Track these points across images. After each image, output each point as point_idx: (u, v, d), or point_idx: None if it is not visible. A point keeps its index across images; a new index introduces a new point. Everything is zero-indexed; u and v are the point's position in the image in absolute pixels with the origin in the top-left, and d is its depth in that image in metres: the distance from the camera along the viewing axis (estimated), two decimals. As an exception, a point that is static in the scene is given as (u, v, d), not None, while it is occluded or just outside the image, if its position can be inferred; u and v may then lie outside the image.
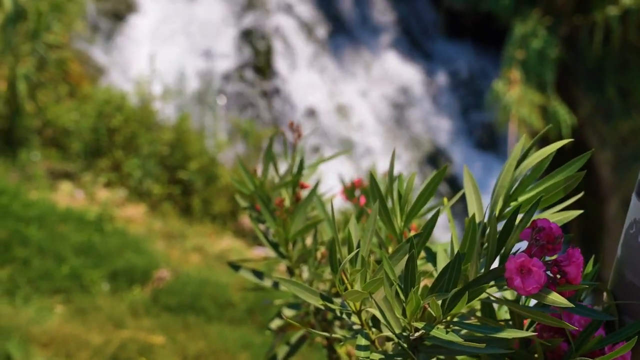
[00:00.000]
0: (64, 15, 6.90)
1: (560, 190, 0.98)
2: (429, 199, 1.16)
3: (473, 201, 1.14)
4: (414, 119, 9.17)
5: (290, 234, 1.32)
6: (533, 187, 1.07)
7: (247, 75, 8.79)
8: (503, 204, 1.07)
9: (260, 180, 1.41)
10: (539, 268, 0.79)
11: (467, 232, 1.05)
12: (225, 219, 6.83)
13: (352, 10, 9.75)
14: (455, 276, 0.90)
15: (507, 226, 0.90)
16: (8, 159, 6.21)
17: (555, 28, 8.56)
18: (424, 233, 1.06)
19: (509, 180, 1.08)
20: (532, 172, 1.07)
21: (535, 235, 0.85)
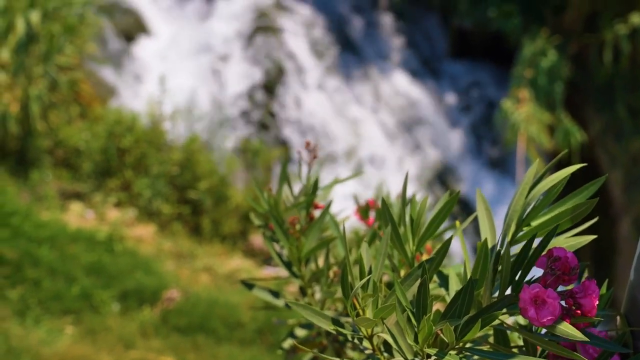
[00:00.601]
0: (75, 38, 6.98)
1: (574, 216, 0.98)
2: (440, 224, 1.15)
3: (486, 225, 1.13)
4: (423, 137, 9.17)
5: (303, 252, 1.33)
6: (546, 212, 1.07)
7: (257, 95, 8.84)
8: (516, 229, 1.07)
9: (275, 200, 1.41)
10: (554, 299, 0.78)
11: (479, 256, 1.05)
12: (235, 239, 6.83)
13: (362, 30, 9.81)
14: (468, 302, 0.90)
15: (522, 253, 0.90)
16: (20, 179, 6.25)
17: (564, 47, 8.57)
18: (437, 258, 1.06)
19: (522, 204, 1.08)
20: (544, 197, 1.07)
21: (551, 265, 0.84)
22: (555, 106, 8.33)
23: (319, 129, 8.76)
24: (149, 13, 9.73)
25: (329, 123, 8.83)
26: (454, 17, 9.57)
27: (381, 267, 1.07)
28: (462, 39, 9.73)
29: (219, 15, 9.71)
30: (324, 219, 1.35)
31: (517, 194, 1.09)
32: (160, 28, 9.63)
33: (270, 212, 1.38)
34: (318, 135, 8.71)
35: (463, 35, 9.70)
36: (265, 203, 1.41)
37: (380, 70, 9.51)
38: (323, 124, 8.80)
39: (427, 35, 10.03)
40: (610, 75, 8.42)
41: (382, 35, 9.82)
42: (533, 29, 8.66)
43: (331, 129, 8.80)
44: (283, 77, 9.00)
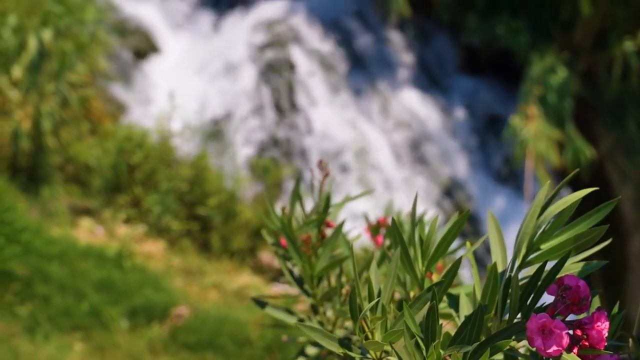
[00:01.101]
0: (87, 55, 7.05)
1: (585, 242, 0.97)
2: (450, 244, 1.15)
3: (497, 247, 1.13)
4: (432, 153, 9.17)
5: (316, 271, 1.33)
6: (557, 234, 1.06)
7: (266, 111, 8.87)
8: (526, 252, 1.06)
9: (288, 218, 1.42)
10: (561, 330, 0.78)
11: (488, 280, 1.04)
12: (244, 255, 6.82)
13: (371, 48, 9.85)
14: (477, 328, 0.89)
15: (533, 279, 0.89)
16: (31, 195, 6.29)
17: (573, 64, 8.57)
18: (446, 281, 1.05)
19: (532, 227, 1.07)
20: (555, 219, 1.07)
21: (561, 293, 0.84)
22: (564, 123, 8.31)
23: (327, 145, 8.78)
24: (159, 31, 9.82)
25: (338, 139, 8.84)
26: (463, 34, 9.59)
27: (390, 289, 1.07)
28: (471, 55, 9.75)
29: (228, 32, 9.78)
30: (336, 238, 1.36)
31: (527, 217, 1.08)
32: (170, 45, 9.71)
33: (283, 230, 1.38)
34: (326, 151, 8.72)
35: (472, 52, 9.72)
36: (278, 220, 1.42)
37: (389, 86, 9.54)
38: (332, 139, 8.81)
39: (436, 52, 10.06)
40: (620, 91, 8.40)
41: (391, 51, 9.85)
42: (542, 46, 8.67)
43: (340, 145, 8.81)
44: (292, 93, 9.04)
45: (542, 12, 9.04)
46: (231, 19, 10.02)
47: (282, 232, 1.39)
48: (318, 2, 10.13)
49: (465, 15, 9.42)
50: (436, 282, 1.04)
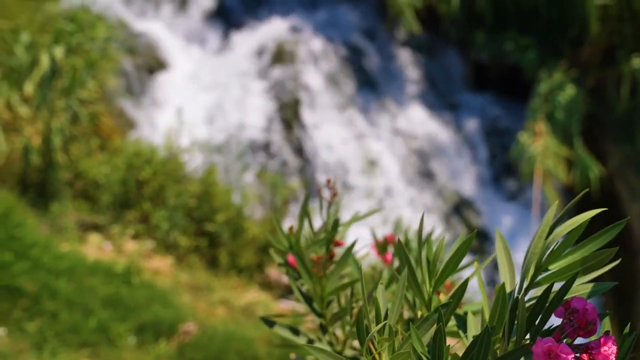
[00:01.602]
0: (97, 72, 7.11)
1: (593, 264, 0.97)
2: (457, 265, 1.15)
3: (505, 268, 1.13)
4: (440, 169, 9.16)
5: (326, 292, 1.33)
6: (565, 254, 1.06)
7: (274, 127, 8.90)
8: (534, 272, 1.06)
9: (296, 238, 1.42)
10: (567, 354, 0.77)
11: (496, 301, 1.04)
12: (251, 271, 6.82)
13: (378, 63, 9.88)
14: (484, 350, 0.89)
15: (540, 301, 0.89)
16: (40, 211, 6.32)
17: (582, 80, 8.57)
18: (453, 302, 1.05)
19: (541, 247, 1.07)
20: (564, 240, 1.06)
21: (568, 316, 0.83)
22: (572, 139, 8.29)
23: (335, 161, 8.79)
24: (169, 47, 9.90)
25: (346, 155, 8.85)
26: (471, 51, 9.62)
27: (398, 310, 1.07)
28: (480, 71, 9.76)
29: (237, 49, 9.85)
30: (347, 259, 1.36)
31: (536, 237, 1.08)
32: (179, 61, 9.78)
33: (292, 250, 1.38)
34: (335, 168, 8.73)
35: (480, 68, 9.74)
36: (285, 240, 1.42)
37: (397, 102, 9.56)
38: (340, 156, 8.82)
39: (445, 69, 10.08)
40: (629, 108, 8.38)
41: (400, 67, 9.88)
42: (550, 63, 8.67)
43: (348, 161, 8.82)
44: (300, 108, 9.07)
45: (550, 30, 9.06)
46: (240, 36, 10.09)
47: (290, 251, 1.39)
48: (326, 18, 10.19)
49: (474, 32, 9.45)
50: (443, 303, 1.03)
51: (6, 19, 7.16)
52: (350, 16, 10.25)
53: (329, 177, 1.52)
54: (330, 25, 10.07)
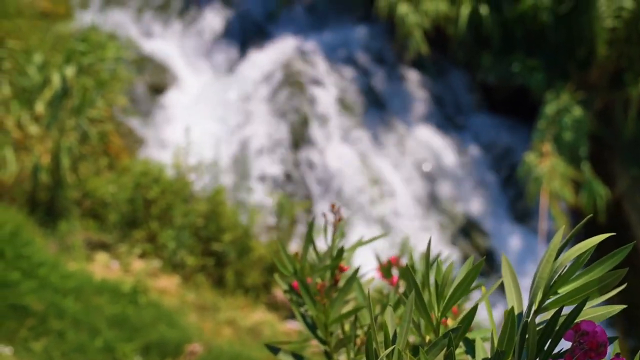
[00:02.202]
0: (107, 91, 7.18)
1: (602, 287, 0.97)
2: (466, 290, 1.15)
3: (512, 292, 1.13)
4: (447, 190, 9.15)
5: (330, 320, 1.33)
6: (574, 279, 1.06)
7: (282, 147, 8.93)
8: (543, 296, 1.06)
9: (301, 264, 1.42)
10: (579, 377, 0.77)
11: (505, 325, 1.04)
12: (258, 291, 6.80)
13: (386, 84, 9.93)
14: (496, 375, 0.89)
15: (550, 325, 0.89)
16: (48, 230, 6.34)
17: (589, 102, 8.58)
18: (463, 327, 1.05)
19: (549, 272, 1.07)
20: (572, 264, 1.06)
21: (578, 339, 0.83)
22: (580, 161, 8.28)
23: (343, 181, 8.80)
24: (178, 67, 9.98)
25: (353, 176, 8.86)
26: (479, 72, 9.66)
27: (406, 335, 1.07)
28: (487, 93, 9.79)
29: (245, 69, 9.92)
30: (351, 285, 1.36)
31: (543, 261, 1.08)
32: (188, 81, 9.86)
33: (296, 277, 1.38)
34: (342, 188, 8.73)
35: (487, 90, 9.76)
36: (291, 265, 1.42)
37: (405, 123, 9.58)
38: (347, 176, 8.83)
39: (452, 90, 10.12)
40: (637, 130, 8.37)
41: (407, 89, 9.92)
42: (557, 84, 8.69)
43: (355, 182, 8.83)
44: (308, 129, 9.11)
45: (557, 52, 9.09)
46: (248, 56, 10.17)
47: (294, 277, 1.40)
48: (335, 39, 10.26)
49: (481, 53, 9.50)
50: (453, 328, 1.03)
51: (19, 39, 7.26)
52: (358, 37, 10.33)
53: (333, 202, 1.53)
54: (339, 46, 10.14)
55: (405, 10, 9.06)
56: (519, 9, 9.02)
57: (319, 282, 1.38)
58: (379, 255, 1.77)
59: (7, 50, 6.92)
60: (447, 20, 9.33)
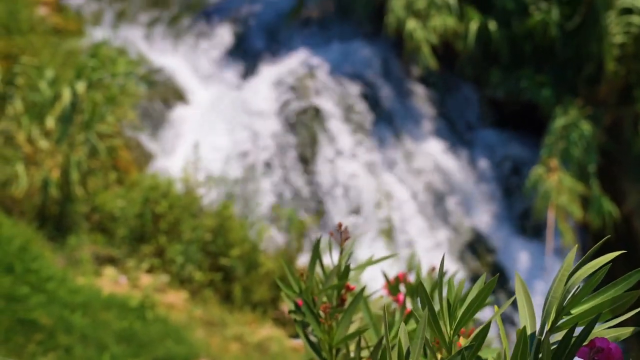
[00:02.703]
0: (116, 106, 7.23)
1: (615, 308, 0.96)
2: (478, 310, 1.14)
3: (525, 311, 1.12)
4: (455, 205, 9.12)
5: (335, 341, 1.32)
6: (587, 299, 1.05)
7: (290, 162, 8.95)
8: (556, 316, 1.05)
9: (307, 285, 1.41)
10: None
11: (518, 344, 1.03)
12: (265, 306, 6.78)
13: (395, 100, 9.95)
14: (510, 395, 0.88)
15: (563, 343, 0.88)
16: (57, 244, 6.36)
17: (599, 118, 8.56)
18: (475, 345, 1.04)
19: (561, 291, 1.06)
20: (585, 284, 1.06)
21: (593, 356, 0.82)
22: (588, 177, 8.25)
23: (351, 196, 8.79)
24: (188, 82, 10.04)
25: (362, 190, 8.86)
26: (487, 88, 9.66)
27: (419, 353, 1.06)
28: (495, 108, 9.79)
29: (254, 84, 9.97)
30: (357, 305, 1.35)
31: (556, 281, 1.08)
32: (197, 96, 9.91)
33: (302, 297, 1.38)
34: (350, 203, 8.72)
35: (496, 105, 9.76)
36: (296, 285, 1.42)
37: (413, 138, 9.58)
38: (355, 191, 8.83)
39: (460, 105, 10.12)
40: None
41: (415, 104, 9.94)
42: (566, 100, 8.68)
43: (364, 196, 8.82)
44: (317, 144, 9.12)
45: (565, 68, 9.09)
46: (257, 71, 10.22)
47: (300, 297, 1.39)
48: (343, 55, 10.31)
49: (489, 69, 9.51)
50: (467, 346, 1.03)
51: (31, 55, 7.33)
52: (367, 52, 10.37)
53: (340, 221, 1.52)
54: (347, 61, 10.18)
55: (413, 26, 9.09)
56: (527, 25, 9.04)
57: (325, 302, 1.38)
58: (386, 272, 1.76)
59: (21, 66, 6.99)
60: (455, 35, 9.35)
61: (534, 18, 8.96)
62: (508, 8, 9.12)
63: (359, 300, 1.35)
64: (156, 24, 10.93)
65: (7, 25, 7.57)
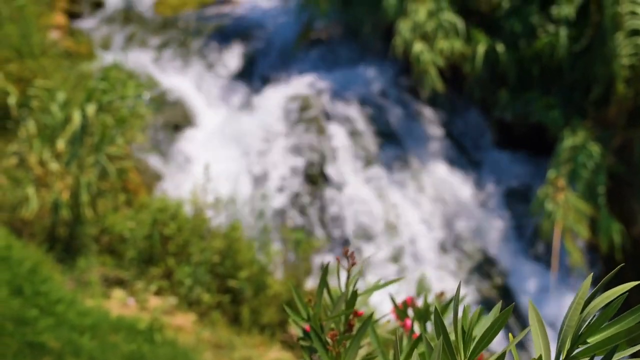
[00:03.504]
0: (126, 129, 7.28)
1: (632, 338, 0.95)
2: (492, 339, 1.14)
3: (539, 340, 1.11)
4: (464, 227, 9.09)
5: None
6: (603, 327, 1.05)
7: (298, 184, 8.96)
8: (571, 346, 1.05)
9: (315, 311, 1.41)
10: None
11: (534, 374, 1.03)
12: (274, 329, 6.75)
13: (402, 122, 9.97)
14: None
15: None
16: (66, 266, 6.37)
17: (608, 140, 8.54)
18: (491, 376, 1.04)
19: (576, 320, 1.06)
20: (601, 313, 1.05)
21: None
22: (597, 198, 8.21)
23: (359, 218, 8.78)
24: (196, 104, 10.11)
25: (370, 212, 8.85)
26: (495, 109, 9.68)
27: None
28: (503, 129, 9.80)
29: (262, 107, 10.03)
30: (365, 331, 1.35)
31: (571, 309, 1.07)
32: (206, 118, 9.97)
33: (310, 324, 1.38)
34: (358, 225, 8.71)
35: (504, 126, 9.77)
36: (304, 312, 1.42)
37: (421, 160, 9.59)
38: (363, 213, 8.82)
39: (468, 126, 10.14)
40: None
41: (423, 126, 9.96)
42: (574, 122, 8.68)
43: (371, 219, 8.81)
44: (324, 166, 9.14)
45: (574, 89, 9.10)
46: (265, 94, 10.29)
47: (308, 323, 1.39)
48: (350, 76, 10.37)
49: (497, 90, 9.54)
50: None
51: (43, 78, 7.42)
52: (374, 74, 10.43)
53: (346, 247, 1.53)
54: (355, 83, 10.24)
55: (420, 49, 9.15)
56: (535, 47, 9.07)
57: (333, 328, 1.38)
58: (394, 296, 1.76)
59: (35, 89, 7.07)
60: (462, 58, 9.40)
61: (542, 40, 9.00)
62: (516, 31, 9.17)
63: (367, 326, 1.35)
64: (166, 47, 11.04)
65: (20, 49, 7.67)
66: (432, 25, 9.19)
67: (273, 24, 11.75)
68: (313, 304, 1.43)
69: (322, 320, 1.42)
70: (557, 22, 8.96)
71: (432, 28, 9.20)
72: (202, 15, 11.97)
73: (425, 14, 9.19)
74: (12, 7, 8.10)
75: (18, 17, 8.04)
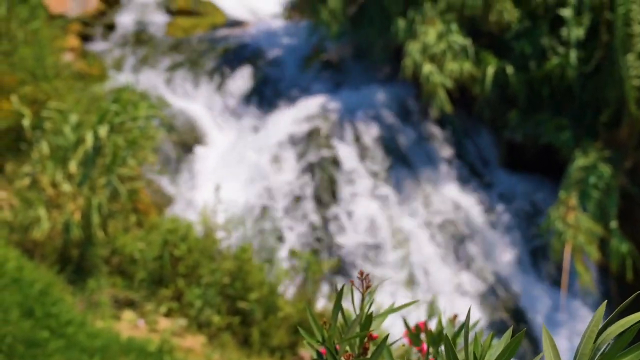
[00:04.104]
0: (138, 150, 7.32)
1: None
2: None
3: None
4: (475, 249, 9.04)
5: (359, 394, 1.31)
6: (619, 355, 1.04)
7: (308, 205, 8.96)
8: (585, 374, 1.04)
9: (329, 334, 1.41)
10: None
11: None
12: (284, 351, 6.71)
13: (412, 143, 9.98)
14: None
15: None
16: (77, 287, 6.38)
17: (618, 160, 8.50)
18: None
19: (590, 349, 1.05)
20: (616, 341, 1.05)
21: None
22: (608, 219, 8.16)
23: (369, 239, 8.76)
24: (207, 125, 10.18)
25: (380, 233, 8.82)
26: (505, 130, 9.68)
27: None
28: (513, 151, 9.78)
29: (272, 128, 10.07)
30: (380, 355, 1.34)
31: (585, 338, 1.07)
32: (216, 139, 10.02)
33: (325, 346, 1.38)
34: (369, 246, 8.68)
35: (514, 148, 9.75)
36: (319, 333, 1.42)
37: (431, 180, 9.58)
38: (373, 233, 8.80)
39: (478, 147, 10.13)
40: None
41: (432, 146, 9.96)
42: (585, 143, 8.65)
43: (382, 239, 8.78)
44: (334, 186, 9.14)
45: (584, 110, 9.09)
46: (275, 115, 10.34)
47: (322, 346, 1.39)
48: (360, 98, 10.41)
49: (507, 112, 9.54)
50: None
51: (56, 100, 7.50)
52: (384, 95, 10.46)
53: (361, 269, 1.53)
54: (365, 104, 10.27)
55: (429, 70, 9.18)
56: (545, 69, 9.09)
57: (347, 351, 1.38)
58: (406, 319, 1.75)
59: (48, 111, 7.15)
60: (472, 79, 9.42)
61: (552, 62, 9.01)
62: (525, 52, 9.19)
63: (382, 349, 1.35)
64: (177, 68, 11.14)
65: (34, 71, 7.77)
66: (441, 47, 9.23)
67: (283, 46, 11.84)
68: (328, 326, 1.43)
69: (337, 343, 1.42)
70: (567, 44, 8.98)
71: (441, 50, 9.24)
72: (213, 37, 12.09)
73: (435, 36, 9.24)
74: (26, 31, 8.22)
75: (32, 40, 8.16)
